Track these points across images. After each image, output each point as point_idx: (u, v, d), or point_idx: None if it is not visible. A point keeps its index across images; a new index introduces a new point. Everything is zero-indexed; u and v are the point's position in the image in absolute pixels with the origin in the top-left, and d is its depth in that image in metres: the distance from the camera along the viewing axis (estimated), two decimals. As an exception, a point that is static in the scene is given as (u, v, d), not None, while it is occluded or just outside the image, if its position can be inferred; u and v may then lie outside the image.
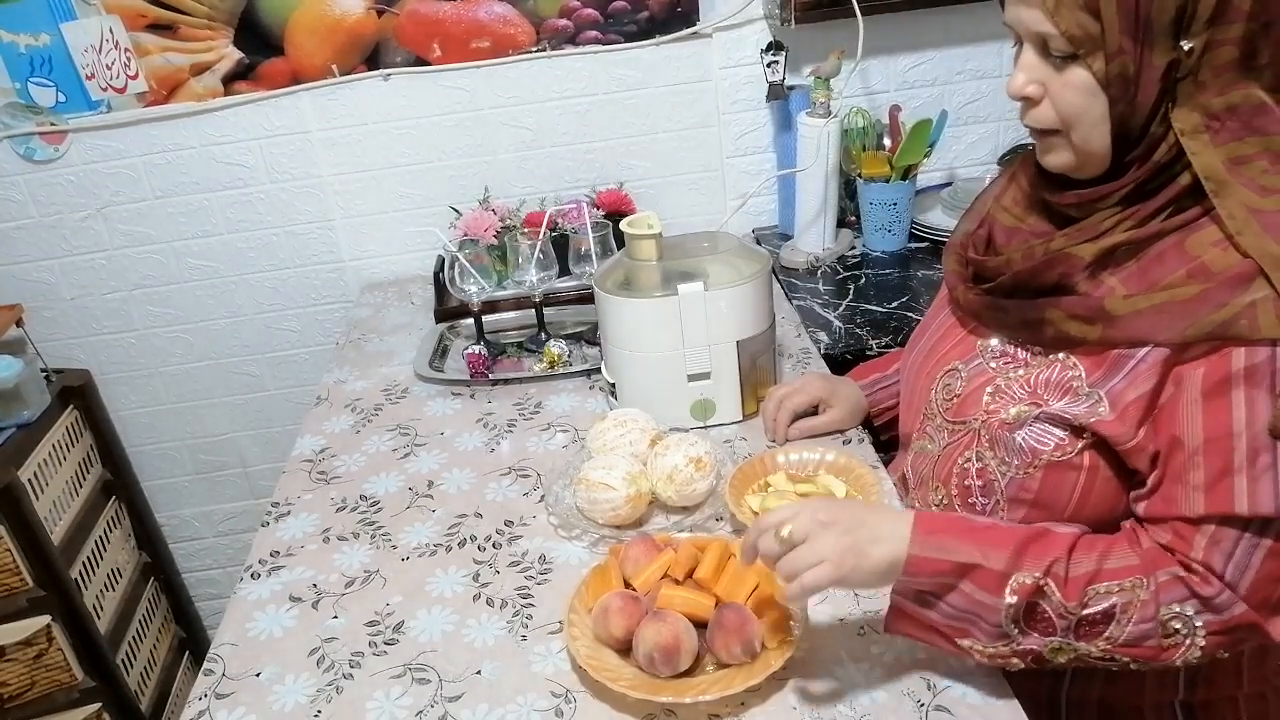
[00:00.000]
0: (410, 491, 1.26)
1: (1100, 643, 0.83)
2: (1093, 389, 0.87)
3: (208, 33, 1.75)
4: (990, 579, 0.83)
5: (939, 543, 0.84)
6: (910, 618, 0.87)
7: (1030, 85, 0.87)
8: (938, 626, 0.86)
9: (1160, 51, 0.80)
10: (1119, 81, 0.81)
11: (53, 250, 1.91)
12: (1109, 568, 0.83)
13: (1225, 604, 0.81)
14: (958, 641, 0.85)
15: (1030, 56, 0.86)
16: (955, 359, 1.02)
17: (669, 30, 1.81)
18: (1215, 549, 0.81)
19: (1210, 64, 0.80)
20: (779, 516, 0.85)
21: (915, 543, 0.84)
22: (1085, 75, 0.82)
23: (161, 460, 2.14)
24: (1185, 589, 0.81)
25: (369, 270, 1.98)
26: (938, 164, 1.95)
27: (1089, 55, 0.81)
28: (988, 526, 0.87)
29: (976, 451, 0.96)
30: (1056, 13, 0.80)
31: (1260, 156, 0.81)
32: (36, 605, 1.72)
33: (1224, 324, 0.79)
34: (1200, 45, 0.79)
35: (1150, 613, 0.82)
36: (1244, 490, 0.79)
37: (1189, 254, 0.83)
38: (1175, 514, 0.83)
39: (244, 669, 1.01)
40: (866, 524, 0.85)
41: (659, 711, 0.89)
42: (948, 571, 0.83)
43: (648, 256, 1.28)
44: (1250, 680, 0.98)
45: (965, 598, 0.83)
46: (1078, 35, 0.80)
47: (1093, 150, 0.86)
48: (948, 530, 0.85)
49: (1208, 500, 0.81)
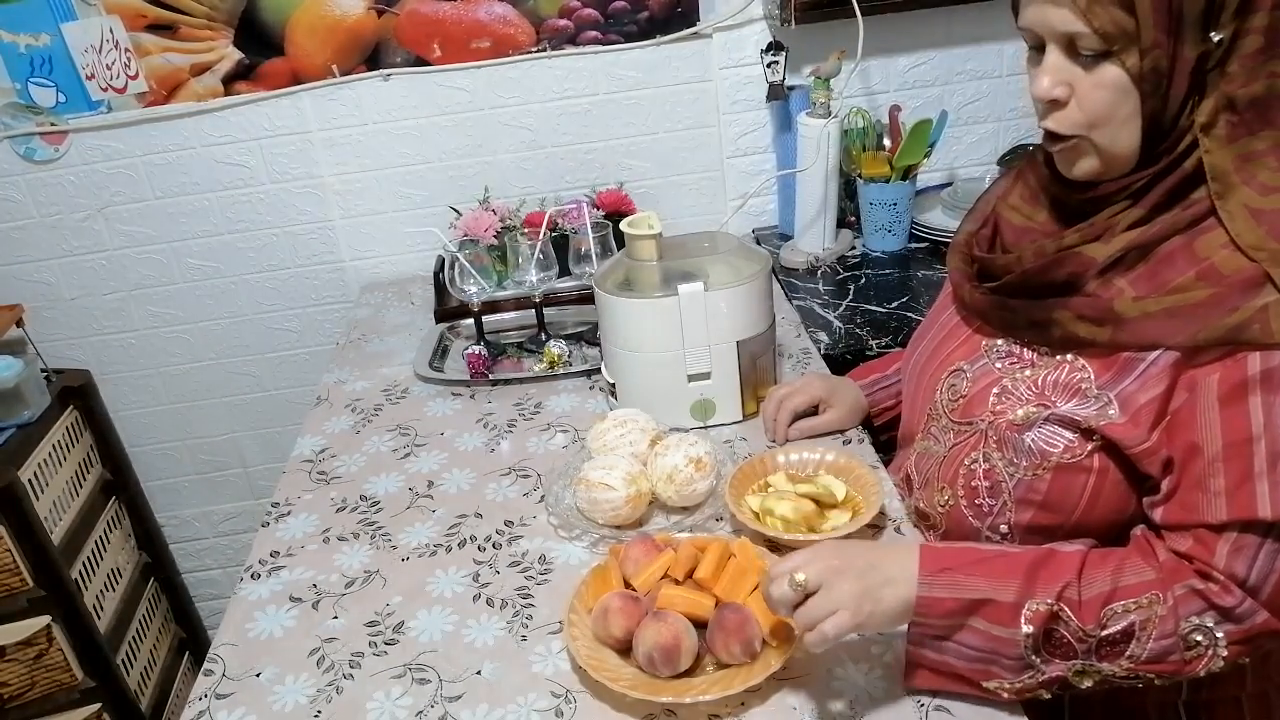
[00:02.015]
0: (410, 492, 1.26)
1: (1124, 662, 0.82)
2: (1102, 391, 0.87)
3: (208, 33, 1.76)
4: (1003, 612, 0.82)
5: (949, 580, 0.83)
6: (929, 669, 0.86)
7: (1058, 88, 0.85)
8: (960, 672, 0.85)
9: (1191, 44, 0.79)
10: (1152, 77, 0.80)
11: (53, 250, 1.91)
12: (1125, 585, 0.83)
13: (1246, 613, 0.80)
14: (983, 684, 0.84)
15: (1056, 58, 0.84)
16: (960, 359, 1.01)
17: (669, 30, 1.81)
18: (1238, 555, 0.80)
19: (1238, 55, 0.80)
20: (791, 564, 0.84)
21: (924, 582, 0.83)
22: (1117, 73, 0.81)
23: (161, 460, 2.14)
24: (1203, 601, 0.81)
25: (369, 270, 1.98)
26: (938, 164, 1.95)
27: (1122, 52, 0.80)
28: (995, 555, 0.86)
29: (984, 452, 0.96)
30: (1090, 10, 0.79)
31: (1271, 153, 0.81)
32: (37, 605, 1.72)
33: (1236, 328, 0.79)
34: (1229, 36, 0.79)
35: (1170, 628, 0.81)
36: (1266, 495, 0.79)
37: (1198, 255, 0.83)
38: (1197, 520, 0.82)
39: (244, 669, 1.01)
40: (878, 566, 0.85)
41: (659, 711, 0.89)
42: (959, 610, 0.83)
43: (648, 257, 1.28)
44: (1254, 680, 0.97)
45: (981, 635, 0.83)
46: (1111, 32, 0.79)
47: (1119, 151, 0.85)
48: (956, 565, 0.84)
49: (1230, 506, 0.80)
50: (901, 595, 0.84)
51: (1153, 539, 0.87)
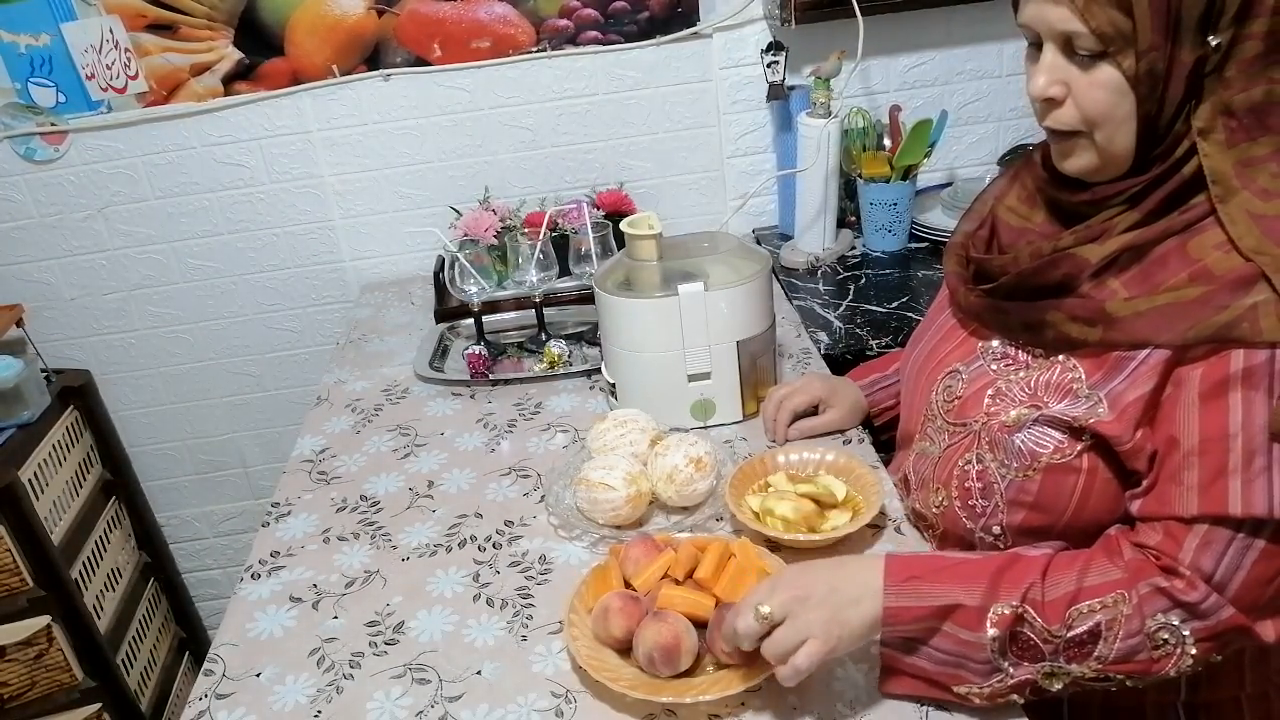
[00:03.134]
0: (410, 492, 1.26)
1: (1092, 663, 0.83)
2: (1093, 390, 0.87)
3: (208, 33, 1.76)
4: (969, 616, 0.82)
5: (914, 589, 0.84)
6: (903, 673, 0.86)
7: (1054, 86, 0.85)
8: (931, 676, 0.85)
9: (1189, 48, 0.79)
10: (1148, 79, 0.80)
11: (53, 250, 1.91)
12: (1089, 585, 0.83)
13: (1211, 609, 0.80)
14: (954, 689, 0.85)
15: (1052, 56, 0.84)
16: (956, 361, 1.02)
17: (669, 30, 1.81)
18: (1206, 550, 0.81)
19: (1236, 60, 0.80)
20: (754, 598, 0.84)
21: (889, 593, 0.84)
22: (1113, 74, 0.81)
23: (162, 460, 2.14)
24: (1168, 599, 0.81)
25: (369, 270, 1.98)
26: (938, 164, 1.95)
27: (1119, 53, 0.80)
28: (959, 562, 0.87)
29: (977, 454, 0.96)
30: (1087, 10, 0.79)
31: (1271, 159, 0.81)
32: (37, 605, 1.72)
33: (1225, 326, 0.79)
34: (1227, 40, 0.79)
35: (1136, 626, 0.81)
36: (1238, 491, 0.79)
37: (1191, 257, 0.83)
38: (1168, 513, 0.83)
39: (244, 669, 1.01)
40: (839, 588, 0.84)
41: (659, 711, 0.89)
42: (926, 616, 0.83)
43: (648, 256, 1.28)
44: (1253, 680, 0.97)
45: (949, 639, 0.83)
46: (1108, 33, 0.79)
47: (1116, 151, 0.85)
48: (922, 573, 0.85)
49: (1201, 500, 0.81)
50: (867, 613, 0.84)
51: (1121, 538, 0.87)
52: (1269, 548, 0.80)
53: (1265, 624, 0.82)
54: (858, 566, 0.87)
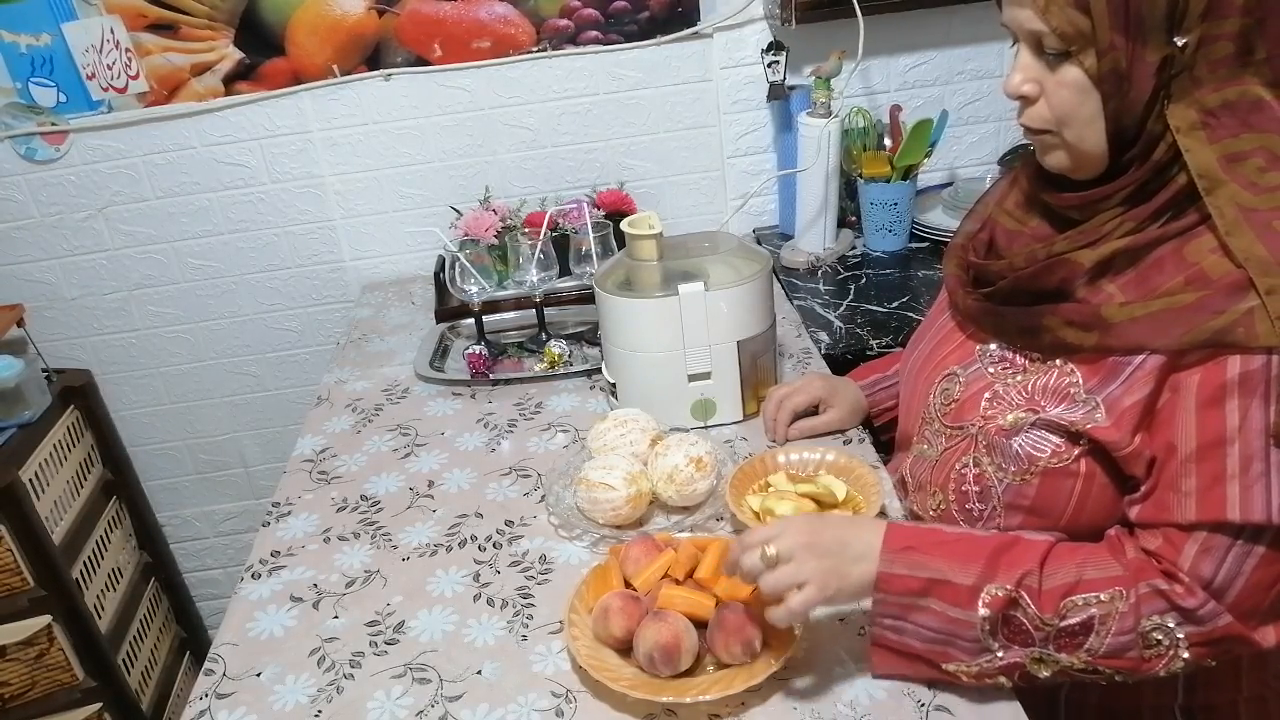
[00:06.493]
0: (411, 491, 1.26)
1: (1082, 654, 0.83)
2: (1090, 395, 0.87)
3: (208, 33, 1.76)
4: (961, 594, 0.83)
5: (909, 559, 0.85)
6: (893, 650, 0.87)
7: (1026, 84, 0.86)
8: (919, 653, 0.86)
9: (1153, 48, 0.79)
10: (1111, 78, 0.81)
11: (54, 250, 1.91)
12: (1088, 578, 0.83)
13: (1208, 615, 0.81)
14: (943, 666, 0.86)
15: (1026, 56, 0.86)
16: (954, 364, 1.01)
17: (669, 30, 1.81)
18: (1205, 556, 0.81)
19: (1206, 59, 0.80)
20: (763, 535, 0.86)
21: (885, 559, 0.85)
22: (1078, 73, 0.82)
23: (162, 460, 2.15)
24: (1165, 601, 0.81)
25: (369, 270, 1.98)
26: (938, 164, 1.95)
27: (1080, 52, 0.81)
28: (959, 538, 0.87)
29: (974, 457, 0.96)
30: (1047, 10, 0.80)
31: (1257, 153, 0.81)
32: (37, 605, 1.73)
33: (1221, 331, 0.79)
34: (1195, 40, 0.79)
35: (1130, 624, 0.82)
36: (1236, 497, 0.79)
37: (1187, 261, 0.83)
38: (1167, 520, 0.83)
39: (245, 669, 1.01)
40: (848, 542, 0.86)
41: (659, 711, 0.89)
42: (917, 589, 0.84)
43: (648, 256, 1.28)
44: (1250, 684, 0.97)
45: (938, 616, 0.84)
46: (1069, 32, 0.80)
47: (1087, 150, 0.86)
48: (919, 544, 0.86)
49: (1200, 507, 0.81)
50: (867, 573, 0.85)
51: (1124, 537, 0.87)
52: (1268, 553, 0.80)
53: (1265, 630, 0.82)
54: (868, 526, 0.89)
